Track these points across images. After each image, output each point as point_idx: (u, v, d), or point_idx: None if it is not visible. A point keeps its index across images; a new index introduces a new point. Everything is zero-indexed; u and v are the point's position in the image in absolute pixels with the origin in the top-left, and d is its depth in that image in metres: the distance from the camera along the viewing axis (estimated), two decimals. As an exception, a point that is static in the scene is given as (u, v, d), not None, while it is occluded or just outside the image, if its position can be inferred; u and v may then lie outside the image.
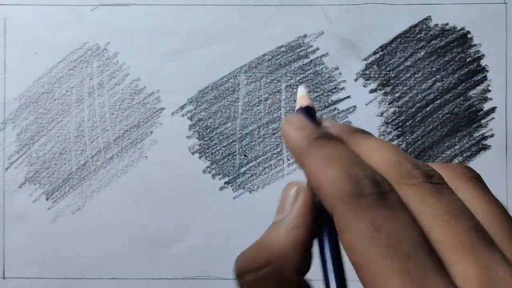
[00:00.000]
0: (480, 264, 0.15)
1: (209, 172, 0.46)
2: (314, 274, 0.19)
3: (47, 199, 0.47)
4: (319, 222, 0.19)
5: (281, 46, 0.46)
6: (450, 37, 0.46)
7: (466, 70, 0.46)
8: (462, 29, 0.46)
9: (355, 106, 0.46)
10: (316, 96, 0.46)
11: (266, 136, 0.46)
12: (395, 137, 0.46)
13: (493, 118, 0.46)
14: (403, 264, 0.15)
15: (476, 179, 0.19)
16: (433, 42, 0.46)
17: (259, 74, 0.46)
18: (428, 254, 0.15)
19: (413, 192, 0.17)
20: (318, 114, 0.47)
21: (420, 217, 0.16)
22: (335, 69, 0.46)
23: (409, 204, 0.17)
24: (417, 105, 0.46)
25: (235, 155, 0.46)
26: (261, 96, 0.46)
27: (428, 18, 0.46)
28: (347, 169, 0.17)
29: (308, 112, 0.22)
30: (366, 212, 0.16)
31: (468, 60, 0.46)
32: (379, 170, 0.18)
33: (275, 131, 0.46)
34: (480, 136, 0.46)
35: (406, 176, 0.18)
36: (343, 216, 0.17)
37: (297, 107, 0.23)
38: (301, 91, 0.23)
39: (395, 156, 0.18)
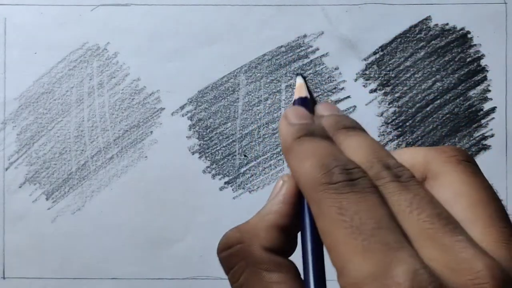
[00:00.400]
0: (443, 247, 0.16)
1: (209, 172, 0.46)
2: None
3: (47, 199, 0.47)
4: (303, 213, 0.21)
5: (281, 46, 0.46)
6: (450, 37, 0.46)
7: (466, 70, 0.46)
8: (462, 29, 0.46)
9: (355, 106, 0.46)
10: (316, 96, 0.46)
11: (266, 136, 0.46)
12: (395, 137, 0.46)
13: (493, 118, 0.46)
14: (365, 243, 0.16)
15: (467, 161, 0.20)
16: (433, 42, 0.46)
17: (259, 74, 0.46)
18: (394, 233, 0.16)
19: (383, 190, 0.18)
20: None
21: (393, 213, 0.17)
22: (335, 69, 0.46)
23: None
24: (417, 105, 0.46)
25: (235, 155, 0.46)
26: (261, 96, 0.46)
27: (428, 18, 0.46)
28: (320, 161, 0.19)
29: (305, 102, 0.23)
30: (335, 197, 0.17)
31: (468, 60, 0.46)
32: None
33: (275, 131, 0.46)
34: (480, 136, 0.46)
35: (375, 177, 0.18)
36: (316, 204, 0.18)
37: (294, 98, 0.24)
38: (299, 81, 0.25)
39: (369, 157, 0.19)
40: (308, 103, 0.24)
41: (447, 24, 0.46)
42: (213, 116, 0.46)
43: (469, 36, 0.46)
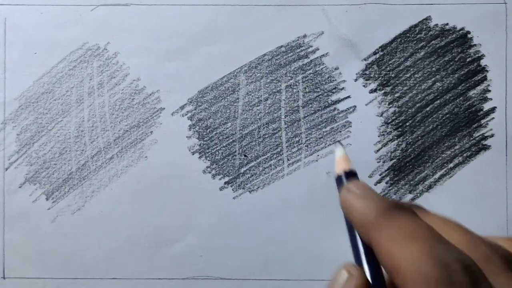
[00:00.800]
0: None
1: (209, 172, 0.46)
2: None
3: (47, 199, 0.47)
4: None
5: (281, 46, 0.46)
6: (450, 37, 0.46)
7: (466, 70, 0.46)
8: (462, 29, 0.46)
9: (355, 106, 0.46)
10: (316, 96, 0.46)
11: (266, 136, 0.46)
12: (395, 137, 0.46)
13: (493, 118, 0.46)
14: None
15: None
16: (433, 42, 0.46)
17: (259, 74, 0.46)
18: None
19: (497, 281, 0.15)
20: (318, 114, 0.47)
21: None
22: (335, 69, 0.46)
23: None
24: (417, 105, 0.46)
25: (235, 155, 0.46)
26: (261, 96, 0.46)
27: (428, 18, 0.46)
28: (431, 248, 0.15)
29: (351, 176, 0.19)
30: None
31: (468, 60, 0.46)
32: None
33: (275, 131, 0.46)
34: (480, 136, 0.46)
35: (485, 260, 0.15)
36: None
37: (338, 171, 0.20)
38: (340, 152, 0.20)
39: (466, 235, 0.16)
40: (356, 176, 0.20)
41: (447, 24, 0.46)
42: (213, 116, 0.46)
43: (469, 36, 0.46)
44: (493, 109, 0.46)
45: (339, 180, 0.20)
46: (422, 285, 0.14)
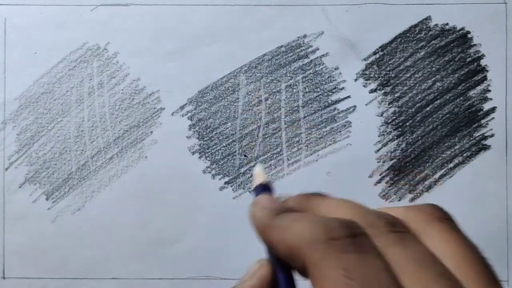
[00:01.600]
0: None
1: (209, 172, 0.46)
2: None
3: (47, 199, 0.47)
4: None
5: (281, 46, 0.46)
6: (450, 37, 0.46)
7: (466, 70, 0.46)
8: (462, 29, 0.46)
9: (355, 106, 0.46)
10: (316, 96, 0.46)
11: (266, 136, 0.46)
12: (395, 137, 0.46)
13: (493, 118, 0.46)
14: None
15: (446, 219, 0.19)
16: (433, 42, 0.46)
17: (259, 74, 0.46)
18: None
19: (380, 242, 0.17)
20: (318, 114, 0.47)
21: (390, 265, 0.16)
22: (335, 69, 0.46)
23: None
24: (417, 105, 0.46)
25: (235, 155, 0.46)
26: (261, 96, 0.46)
27: (428, 18, 0.46)
28: (314, 219, 0.17)
29: (266, 188, 0.24)
30: (338, 258, 0.16)
31: (468, 60, 0.46)
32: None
33: (275, 131, 0.46)
34: (480, 136, 0.46)
35: (370, 226, 0.17)
36: (315, 265, 0.16)
37: (254, 184, 0.24)
38: (257, 168, 0.25)
39: (357, 209, 0.18)
40: (271, 190, 0.25)
41: (447, 24, 0.46)
42: (213, 116, 0.46)
43: (469, 36, 0.46)
44: (493, 109, 0.46)
45: (254, 194, 0.24)
46: (309, 248, 0.16)
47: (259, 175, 0.25)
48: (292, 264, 0.18)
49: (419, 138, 0.46)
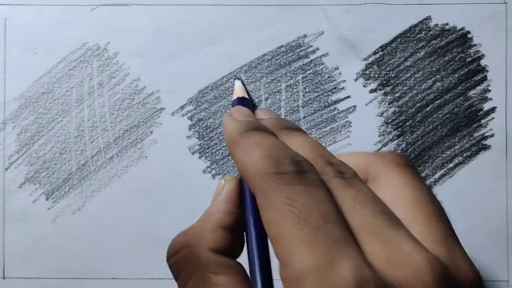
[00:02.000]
0: (385, 242, 0.16)
1: (209, 172, 0.46)
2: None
3: (47, 199, 0.47)
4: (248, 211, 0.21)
5: (281, 46, 0.46)
6: (450, 37, 0.46)
7: (466, 70, 0.46)
8: (462, 29, 0.46)
9: (355, 106, 0.46)
10: (316, 96, 0.46)
11: (266, 136, 0.46)
12: (395, 137, 0.46)
13: (493, 118, 0.46)
14: (311, 235, 0.16)
15: (405, 165, 0.20)
16: (433, 42, 0.46)
17: (259, 74, 0.46)
18: (339, 228, 0.16)
19: (327, 185, 0.18)
20: (318, 114, 0.47)
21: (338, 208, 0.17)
22: (335, 69, 0.46)
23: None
24: (417, 105, 0.46)
25: (235, 155, 0.46)
26: (261, 96, 0.46)
27: (428, 18, 0.46)
28: (269, 152, 0.18)
29: (245, 103, 0.25)
30: (284, 189, 0.17)
31: (468, 60, 0.46)
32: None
33: (275, 131, 0.46)
34: (480, 136, 0.46)
35: (320, 172, 0.19)
36: (263, 194, 0.17)
37: (233, 98, 0.25)
38: (237, 84, 0.27)
39: (313, 154, 0.20)
40: (248, 104, 0.26)
41: (447, 24, 0.46)
42: (213, 116, 0.46)
43: (469, 36, 0.46)
44: (493, 109, 0.46)
45: (232, 105, 0.25)
46: (259, 178, 0.18)
47: (238, 89, 0.27)
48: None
49: (419, 138, 0.46)
